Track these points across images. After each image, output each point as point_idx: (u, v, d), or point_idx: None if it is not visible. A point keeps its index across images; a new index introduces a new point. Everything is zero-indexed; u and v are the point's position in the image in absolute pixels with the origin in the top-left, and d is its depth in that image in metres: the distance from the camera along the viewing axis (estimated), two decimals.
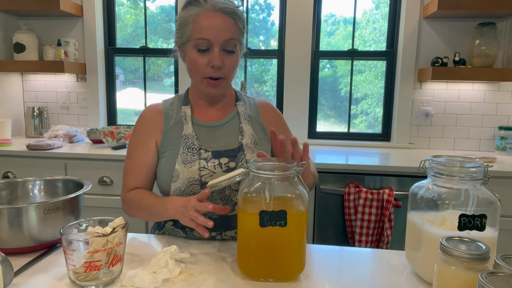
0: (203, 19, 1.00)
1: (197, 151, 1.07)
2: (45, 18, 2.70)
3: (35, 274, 0.85)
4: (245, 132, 1.13)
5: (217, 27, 0.99)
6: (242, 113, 1.16)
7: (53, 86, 2.79)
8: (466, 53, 2.41)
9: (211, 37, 1.00)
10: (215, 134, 1.12)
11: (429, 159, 0.86)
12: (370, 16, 2.70)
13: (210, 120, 1.14)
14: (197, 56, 1.03)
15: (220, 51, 1.01)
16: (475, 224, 0.78)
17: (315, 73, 2.66)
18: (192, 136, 1.09)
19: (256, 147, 1.13)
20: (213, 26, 0.99)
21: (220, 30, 0.99)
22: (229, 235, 1.12)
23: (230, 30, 1.00)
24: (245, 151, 1.10)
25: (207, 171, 1.06)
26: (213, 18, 1.00)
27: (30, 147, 2.17)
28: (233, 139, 1.12)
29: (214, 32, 0.99)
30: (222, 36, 1.00)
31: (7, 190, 1.10)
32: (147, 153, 1.11)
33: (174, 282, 0.82)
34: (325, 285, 0.85)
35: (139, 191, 1.11)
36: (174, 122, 1.13)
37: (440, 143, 2.56)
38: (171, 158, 1.08)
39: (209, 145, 1.10)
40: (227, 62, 1.03)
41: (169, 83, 2.92)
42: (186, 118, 1.12)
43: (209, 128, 1.13)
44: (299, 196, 0.83)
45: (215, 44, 1.00)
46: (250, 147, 1.11)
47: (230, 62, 1.03)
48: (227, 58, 1.02)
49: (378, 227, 1.94)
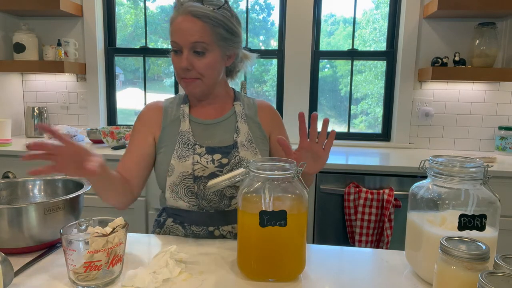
0: (176, 23, 1.05)
1: (192, 146, 1.11)
2: (45, 18, 2.70)
3: (35, 274, 0.85)
4: (241, 130, 1.15)
5: (185, 30, 1.03)
6: (239, 113, 1.18)
7: (53, 86, 2.79)
8: (466, 53, 2.41)
9: (178, 40, 1.04)
10: (211, 131, 1.15)
11: (429, 159, 0.86)
12: (370, 16, 2.70)
13: (207, 118, 1.17)
14: (173, 58, 1.08)
15: (189, 53, 1.05)
16: (475, 224, 0.78)
17: (315, 73, 2.66)
18: (188, 133, 1.13)
19: (251, 145, 1.14)
20: (181, 29, 1.03)
21: (187, 33, 1.03)
22: (226, 230, 1.14)
23: (198, 33, 1.02)
24: (239, 149, 1.12)
25: (200, 166, 1.09)
26: (183, 22, 1.03)
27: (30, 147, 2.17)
28: (228, 136, 1.14)
29: (182, 35, 1.03)
30: (189, 39, 1.03)
31: (7, 190, 1.10)
32: (144, 144, 1.14)
33: (174, 282, 0.82)
34: (325, 285, 0.85)
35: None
36: (173, 119, 1.16)
37: (440, 143, 2.56)
38: (168, 153, 1.12)
39: (204, 141, 1.13)
40: (197, 63, 1.05)
41: (169, 83, 2.92)
42: (184, 115, 1.16)
43: (205, 125, 1.16)
44: (299, 196, 0.83)
45: (184, 47, 1.04)
46: (244, 145, 1.13)
47: (200, 64, 1.05)
48: (197, 60, 1.05)
49: (378, 227, 1.94)
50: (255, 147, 1.15)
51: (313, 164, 1.00)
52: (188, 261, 0.92)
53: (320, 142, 0.98)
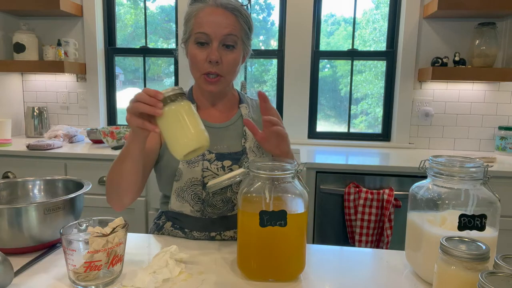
0: (204, 14, 1.01)
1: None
2: (45, 18, 2.70)
3: (35, 274, 0.85)
4: (248, 135, 1.13)
5: (217, 22, 0.99)
6: (245, 116, 1.15)
7: (53, 86, 2.79)
8: (466, 53, 2.41)
9: (210, 31, 1.00)
10: (219, 135, 1.11)
11: (429, 159, 0.86)
12: (370, 16, 2.70)
13: (214, 121, 1.13)
14: (196, 51, 1.03)
15: (219, 46, 1.01)
16: (475, 224, 0.78)
17: (315, 73, 2.66)
18: None
19: (259, 150, 1.13)
20: (213, 21, 1.00)
21: (220, 25, 0.99)
22: (228, 235, 1.12)
23: (230, 25, 1.00)
24: (248, 154, 1.10)
25: (210, 173, 1.06)
26: (214, 14, 1.00)
27: (30, 147, 2.17)
28: (236, 142, 1.12)
29: (214, 26, 0.99)
30: (221, 31, 0.99)
31: (7, 190, 1.10)
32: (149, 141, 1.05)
33: (174, 282, 0.82)
34: (325, 285, 0.85)
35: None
36: None
37: (440, 143, 2.56)
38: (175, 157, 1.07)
39: (213, 146, 1.09)
40: (226, 58, 1.02)
41: (169, 83, 2.92)
42: None
43: (213, 129, 1.11)
44: (299, 196, 0.83)
45: (214, 39, 1.00)
46: (253, 151, 1.11)
47: (228, 58, 1.02)
48: (226, 54, 1.02)
49: (378, 227, 1.94)
50: (262, 152, 1.13)
51: (281, 142, 0.98)
52: (188, 261, 0.91)
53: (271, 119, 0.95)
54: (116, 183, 0.98)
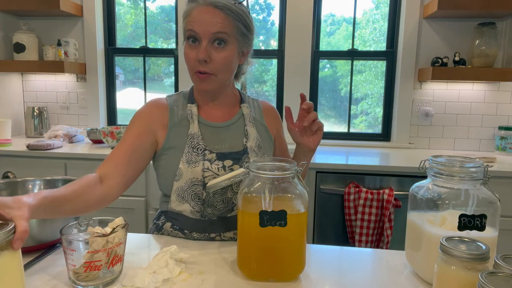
0: (195, 13, 1.01)
1: (202, 151, 1.06)
2: (45, 18, 2.70)
3: (35, 274, 0.85)
4: (250, 135, 1.12)
5: (206, 21, 1.00)
6: (247, 115, 1.15)
7: (53, 86, 2.79)
8: (466, 53, 2.41)
9: (199, 30, 1.00)
10: (220, 135, 1.11)
11: (429, 159, 0.86)
12: (370, 16, 2.70)
13: (215, 120, 1.13)
14: (188, 50, 1.04)
15: (208, 45, 1.01)
16: (475, 224, 0.78)
17: (315, 73, 2.66)
18: (198, 136, 1.08)
19: (260, 150, 1.13)
20: (202, 20, 1.00)
21: (208, 24, 1.00)
22: (228, 236, 1.11)
23: (219, 24, 1.00)
24: (249, 154, 1.09)
25: (211, 173, 1.05)
26: (203, 12, 1.01)
27: (30, 147, 2.17)
28: (237, 141, 1.11)
29: (203, 25, 1.00)
30: (210, 29, 1.00)
31: (7, 190, 1.10)
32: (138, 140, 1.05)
33: (174, 282, 0.82)
34: (325, 285, 0.85)
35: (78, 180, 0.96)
36: (179, 119, 1.10)
37: (440, 143, 2.56)
38: (176, 157, 1.06)
39: (214, 146, 1.09)
40: (215, 56, 1.01)
41: (169, 83, 2.92)
42: (193, 116, 1.10)
43: (214, 128, 1.11)
44: (299, 196, 0.83)
45: (203, 38, 1.00)
46: (254, 150, 1.11)
47: (218, 57, 1.02)
48: (215, 52, 1.02)
49: (378, 227, 1.94)
50: (264, 152, 1.13)
51: (317, 138, 1.08)
52: (188, 261, 0.91)
53: (310, 116, 1.04)
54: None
